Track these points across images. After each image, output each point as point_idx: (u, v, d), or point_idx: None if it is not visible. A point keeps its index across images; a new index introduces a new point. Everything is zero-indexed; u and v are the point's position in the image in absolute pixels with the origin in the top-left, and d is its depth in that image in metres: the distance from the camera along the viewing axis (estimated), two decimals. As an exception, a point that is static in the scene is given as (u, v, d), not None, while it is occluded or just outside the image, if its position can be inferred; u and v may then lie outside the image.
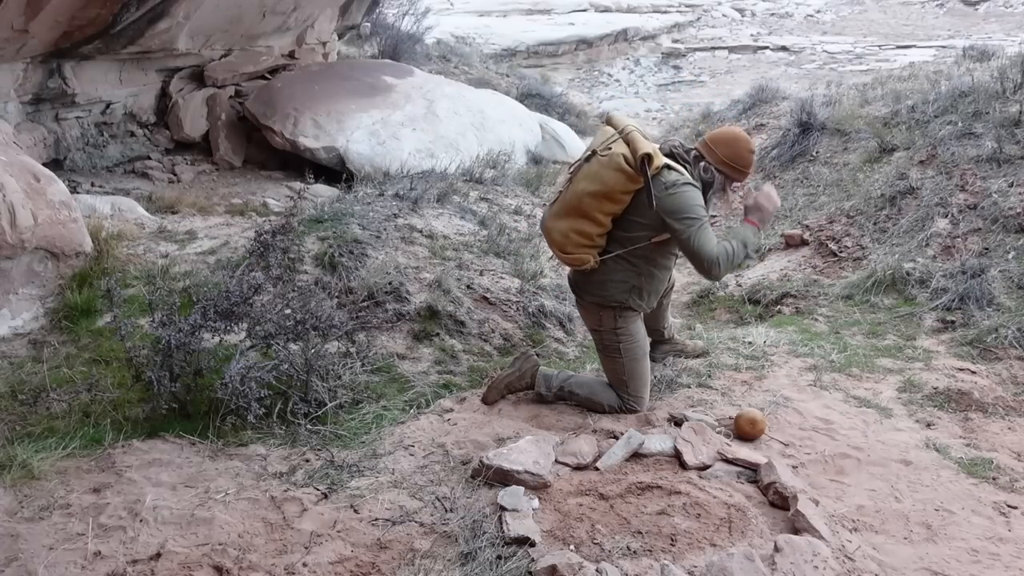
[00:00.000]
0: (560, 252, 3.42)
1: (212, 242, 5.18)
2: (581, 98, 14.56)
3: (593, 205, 3.27)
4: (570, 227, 3.33)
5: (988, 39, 17.21)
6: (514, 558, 2.51)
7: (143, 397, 3.57)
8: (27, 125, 6.94)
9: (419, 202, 5.33)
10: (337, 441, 3.33)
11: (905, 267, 5.13)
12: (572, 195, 3.33)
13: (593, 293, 3.47)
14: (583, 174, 3.32)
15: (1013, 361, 4.20)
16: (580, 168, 3.37)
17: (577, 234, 3.32)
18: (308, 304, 3.76)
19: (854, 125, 7.22)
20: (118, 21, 6.53)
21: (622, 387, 3.54)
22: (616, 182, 3.21)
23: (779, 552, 2.46)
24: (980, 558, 2.70)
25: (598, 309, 3.48)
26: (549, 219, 3.44)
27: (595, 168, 3.27)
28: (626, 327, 3.47)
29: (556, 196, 3.48)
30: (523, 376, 3.64)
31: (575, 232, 3.32)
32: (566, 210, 3.35)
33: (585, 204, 3.28)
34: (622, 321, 3.46)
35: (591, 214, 3.29)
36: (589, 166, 3.31)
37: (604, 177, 3.23)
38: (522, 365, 3.66)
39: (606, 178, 3.23)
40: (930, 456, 3.36)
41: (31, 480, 2.99)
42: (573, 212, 3.32)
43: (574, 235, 3.33)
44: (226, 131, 8.68)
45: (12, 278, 4.24)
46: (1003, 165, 5.65)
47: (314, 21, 10.14)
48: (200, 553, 2.57)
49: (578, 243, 3.34)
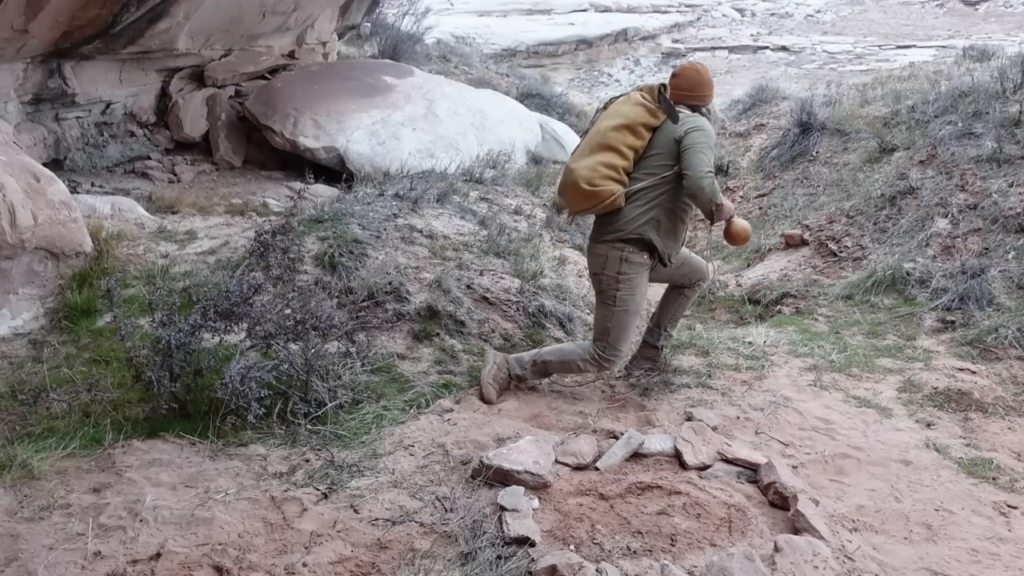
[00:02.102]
0: (588, 187, 3.50)
1: (212, 242, 5.18)
2: (581, 98, 14.56)
3: (617, 138, 3.50)
4: (596, 160, 3.51)
5: (988, 39, 17.22)
6: (514, 558, 2.51)
7: (143, 397, 3.57)
8: (27, 125, 6.93)
9: (419, 202, 5.33)
10: (337, 441, 3.33)
11: (905, 267, 5.13)
12: (596, 134, 3.57)
13: (611, 231, 3.56)
14: (604, 116, 3.60)
15: (1013, 361, 4.20)
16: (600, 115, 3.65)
17: (604, 166, 3.50)
18: (308, 304, 3.76)
19: (854, 125, 7.22)
20: (118, 21, 6.52)
21: (603, 336, 3.62)
22: (637, 114, 3.51)
23: (779, 552, 2.46)
24: (980, 558, 2.70)
25: (608, 249, 3.57)
26: (573, 161, 3.61)
27: (615, 108, 3.59)
28: (628, 273, 3.56)
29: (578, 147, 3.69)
30: (500, 367, 3.79)
31: (602, 164, 3.50)
32: (591, 148, 3.56)
33: (610, 137, 3.51)
34: (626, 266, 3.55)
35: (616, 146, 3.50)
36: (609, 110, 3.62)
37: (625, 111, 3.53)
38: (494, 358, 3.82)
39: (627, 112, 3.53)
40: (930, 456, 3.36)
41: (31, 480, 2.99)
42: (598, 147, 3.53)
43: (601, 167, 3.50)
44: (226, 131, 8.68)
45: (12, 278, 4.24)
46: (1003, 165, 5.65)
47: (314, 21, 10.14)
48: (200, 553, 2.57)
49: (605, 175, 3.49)
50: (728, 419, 3.55)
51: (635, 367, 3.99)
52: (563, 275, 5.14)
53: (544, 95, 12.60)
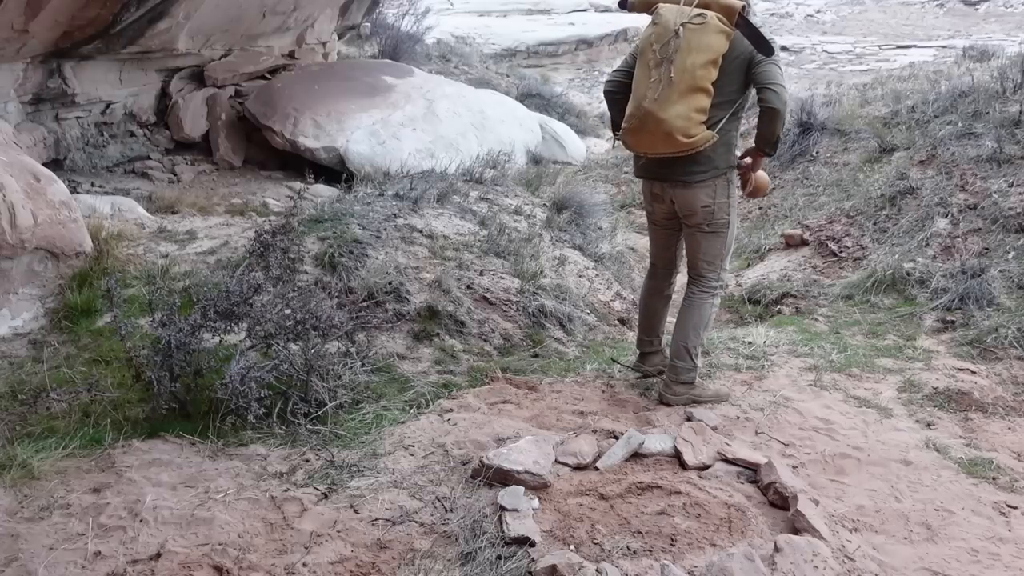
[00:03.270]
0: (685, 138, 3.25)
1: (212, 242, 5.18)
2: (581, 98, 14.55)
3: (706, 76, 3.23)
4: (690, 107, 3.23)
5: (988, 39, 17.20)
6: (514, 558, 2.51)
7: (143, 397, 3.57)
8: (27, 125, 6.93)
9: (419, 202, 5.33)
10: (337, 441, 3.33)
11: (905, 267, 5.13)
12: (685, 73, 3.21)
13: (703, 171, 3.41)
14: (686, 48, 3.21)
15: (1013, 361, 4.20)
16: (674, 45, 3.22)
17: (698, 112, 3.25)
18: (308, 304, 3.76)
19: (854, 125, 7.22)
20: (118, 21, 6.52)
21: (717, 264, 3.58)
22: (721, 45, 3.23)
23: (779, 552, 2.46)
24: (980, 558, 2.70)
25: (711, 183, 3.44)
26: (660, 109, 3.24)
27: (696, 38, 3.21)
28: (733, 191, 3.51)
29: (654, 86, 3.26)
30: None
31: (696, 110, 3.25)
32: (681, 91, 3.22)
33: (699, 76, 3.22)
34: (731, 186, 3.51)
35: (705, 86, 3.24)
36: (687, 39, 3.21)
37: (711, 43, 3.21)
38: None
39: (712, 43, 3.22)
40: (930, 456, 3.36)
41: (31, 480, 2.98)
42: (690, 90, 3.23)
43: (695, 114, 3.25)
44: (226, 131, 8.67)
45: (12, 278, 4.23)
46: (1003, 165, 5.65)
47: (314, 21, 10.13)
48: (200, 553, 2.57)
49: (699, 120, 3.26)
50: (728, 419, 3.55)
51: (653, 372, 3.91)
52: (563, 275, 5.14)
53: (544, 95, 12.60)
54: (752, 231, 6.65)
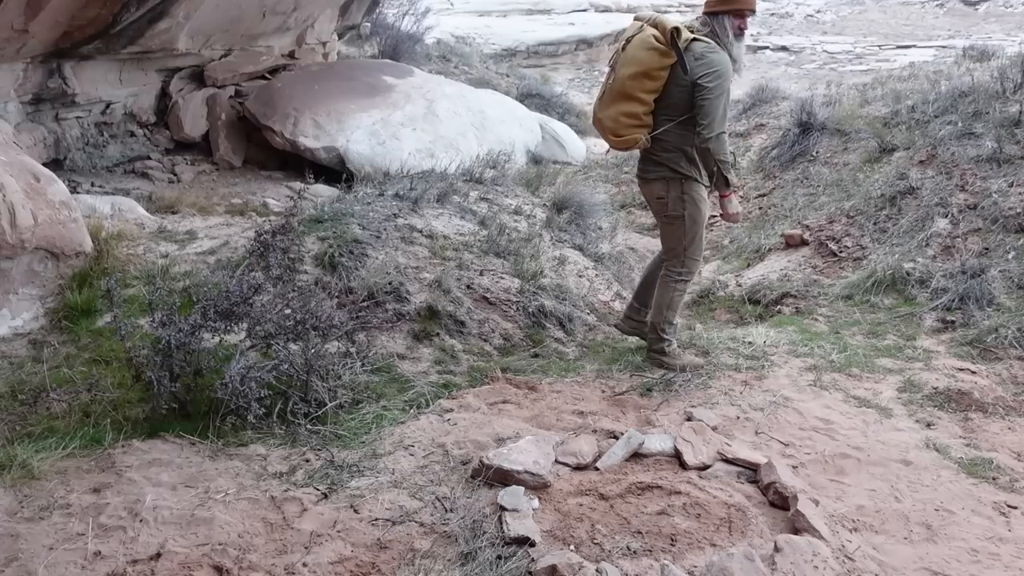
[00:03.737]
0: (614, 137, 3.78)
1: (212, 242, 5.17)
2: (581, 98, 14.56)
3: (635, 86, 3.67)
4: (618, 111, 3.72)
5: (988, 39, 17.20)
6: (514, 558, 2.51)
7: (143, 397, 3.57)
8: (27, 125, 6.93)
9: (419, 202, 5.33)
10: (337, 441, 3.33)
11: (905, 267, 5.13)
12: (616, 82, 3.73)
13: (659, 169, 3.85)
14: (623, 61, 3.72)
15: (1013, 361, 4.20)
16: (619, 58, 3.76)
17: (626, 116, 3.71)
18: (308, 304, 3.76)
19: (854, 125, 7.22)
20: (118, 21, 6.52)
21: (679, 253, 3.95)
22: (652, 60, 3.63)
23: (779, 552, 2.46)
24: (980, 558, 2.70)
25: (664, 182, 3.86)
26: (599, 110, 3.83)
27: (631, 53, 3.69)
28: (691, 193, 3.85)
29: (602, 90, 3.87)
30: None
31: (623, 115, 3.71)
32: (612, 97, 3.75)
33: (627, 87, 3.68)
34: (688, 187, 3.84)
35: (634, 95, 3.68)
36: (626, 53, 3.71)
37: (640, 58, 3.65)
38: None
39: (642, 58, 3.65)
40: (930, 456, 3.36)
41: (31, 480, 2.98)
42: (619, 97, 3.72)
43: (623, 118, 3.72)
44: (226, 131, 8.67)
45: (12, 278, 4.23)
46: (1003, 165, 5.65)
47: (314, 21, 10.13)
48: (200, 553, 2.57)
49: (628, 124, 3.72)
50: (728, 419, 3.55)
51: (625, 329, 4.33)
52: (563, 275, 5.14)
53: (544, 95, 12.61)
54: (752, 231, 6.65)
